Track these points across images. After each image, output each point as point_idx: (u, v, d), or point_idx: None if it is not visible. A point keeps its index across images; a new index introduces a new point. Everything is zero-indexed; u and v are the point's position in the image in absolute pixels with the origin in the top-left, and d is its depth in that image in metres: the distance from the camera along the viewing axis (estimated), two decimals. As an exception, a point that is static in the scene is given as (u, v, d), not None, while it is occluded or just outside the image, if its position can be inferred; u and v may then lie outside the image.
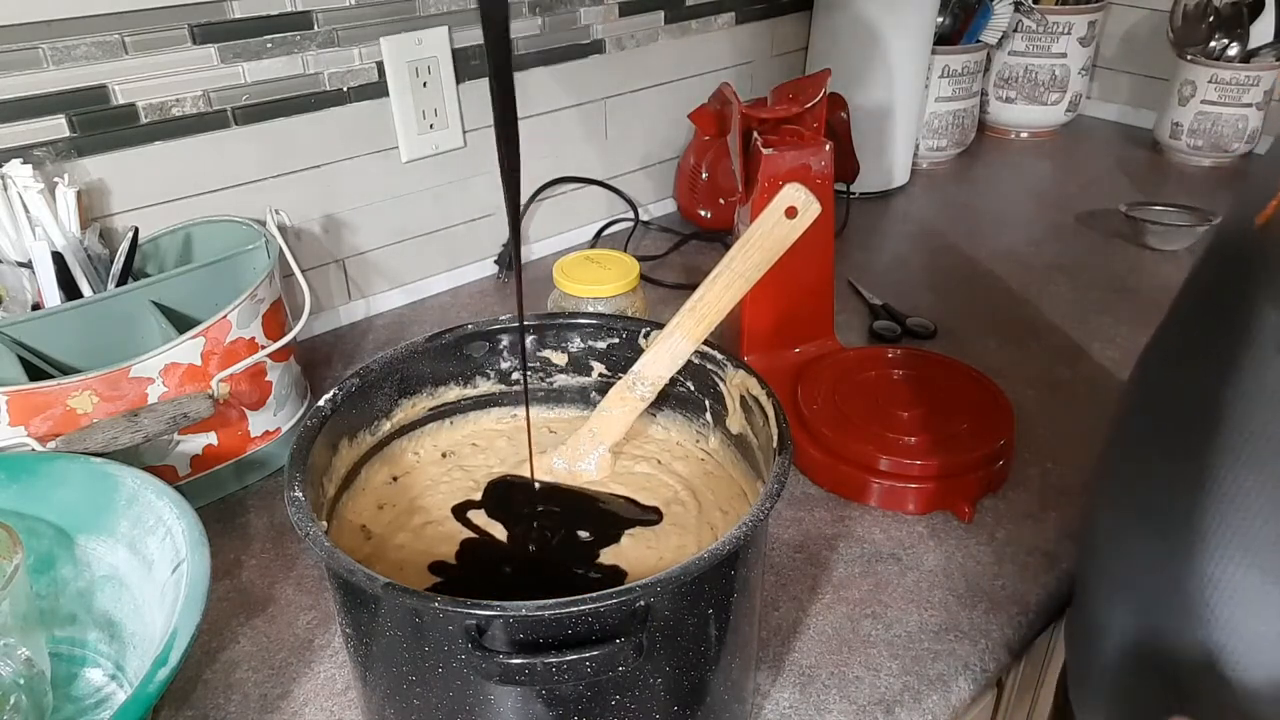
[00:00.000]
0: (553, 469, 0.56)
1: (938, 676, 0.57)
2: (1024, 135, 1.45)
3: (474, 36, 0.95)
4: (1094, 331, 0.94)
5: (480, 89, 0.97)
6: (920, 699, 0.56)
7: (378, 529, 0.52)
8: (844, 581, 0.64)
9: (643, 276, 0.77)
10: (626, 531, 0.51)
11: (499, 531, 0.52)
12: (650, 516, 0.52)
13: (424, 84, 0.93)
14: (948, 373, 0.78)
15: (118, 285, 0.73)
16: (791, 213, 0.50)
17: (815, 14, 1.20)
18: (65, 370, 0.68)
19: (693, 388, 0.57)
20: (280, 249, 0.76)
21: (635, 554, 0.50)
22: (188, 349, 0.65)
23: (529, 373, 0.60)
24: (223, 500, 0.72)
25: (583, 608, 0.37)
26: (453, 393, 0.59)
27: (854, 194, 1.22)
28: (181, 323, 0.70)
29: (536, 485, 0.55)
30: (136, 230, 0.75)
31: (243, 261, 0.76)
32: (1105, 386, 0.85)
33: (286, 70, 0.85)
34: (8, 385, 0.60)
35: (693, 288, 0.53)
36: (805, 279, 0.80)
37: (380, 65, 0.90)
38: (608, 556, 0.50)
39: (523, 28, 0.99)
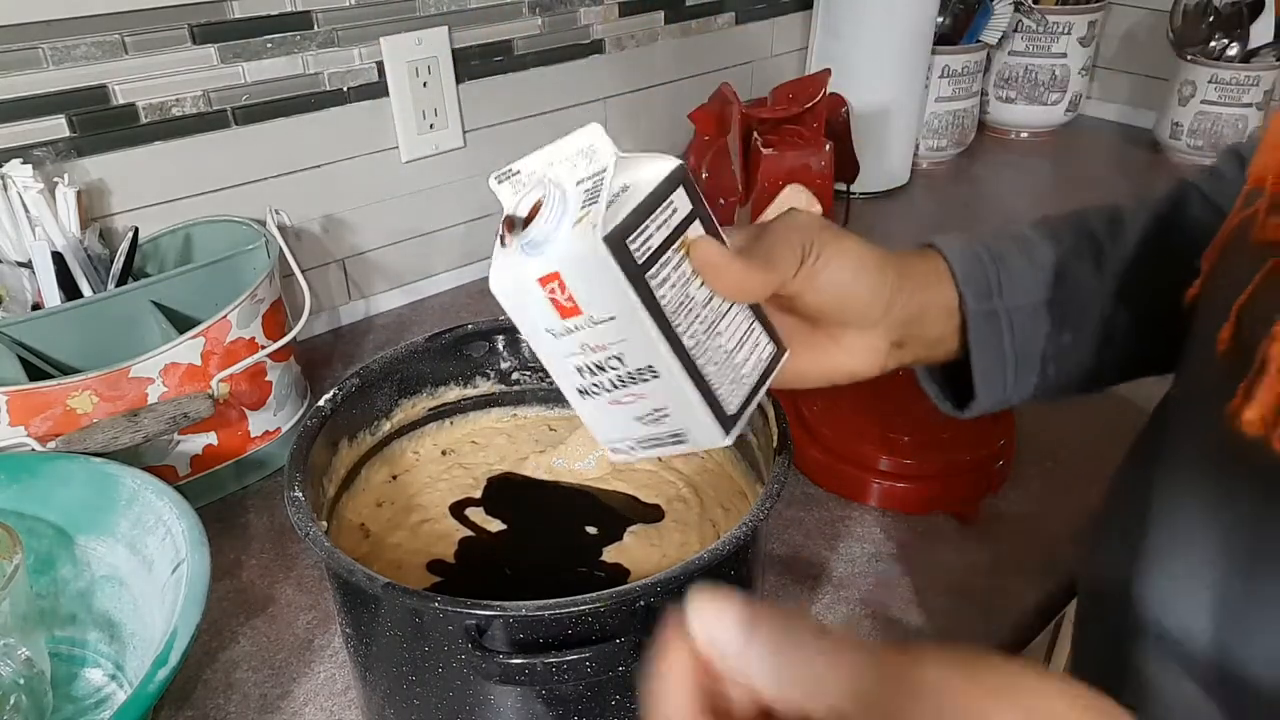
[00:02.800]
0: (552, 468, 0.56)
1: (938, 676, 0.57)
2: (1024, 135, 1.45)
3: (474, 36, 0.95)
4: (1094, 331, 0.94)
5: (480, 88, 0.97)
6: (920, 699, 0.56)
7: (375, 527, 0.52)
8: (844, 581, 0.64)
9: (643, 276, 0.77)
10: (629, 529, 0.51)
11: (497, 529, 0.52)
12: (651, 514, 0.52)
13: (424, 84, 0.93)
14: (948, 372, 0.78)
15: (118, 285, 0.73)
16: (792, 212, 0.50)
17: (815, 14, 1.20)
18: (65, 370, 0.68)
19: (693, 387, 0.57)
20: (280, 249, 0.76)
21: (639, 552, 0.50)
22: (188, 349, 0.65)
23: (530, 373, 0.60)
24: (223, 500, 0.72)
25: (583, 608, 0.37)
26: (453, 393, 0.59)
27: (854, 194, 1.22)
28: (181, 323, 0.70)
29: (541, 479, 0.55)
30: (136, 230, 0.75)
31: (243, 261, 0.76)
32: (1105, 386, 0.85)
33: (286, 70, 0.85)
34: (8, 385, 0.60)
35: (693, 287, 0.52)
36: (805, 279, 0.80)
37: (380, 65, 0.90)
38: (611, 555, 0.50)
39: (523, 28, 0.99)
